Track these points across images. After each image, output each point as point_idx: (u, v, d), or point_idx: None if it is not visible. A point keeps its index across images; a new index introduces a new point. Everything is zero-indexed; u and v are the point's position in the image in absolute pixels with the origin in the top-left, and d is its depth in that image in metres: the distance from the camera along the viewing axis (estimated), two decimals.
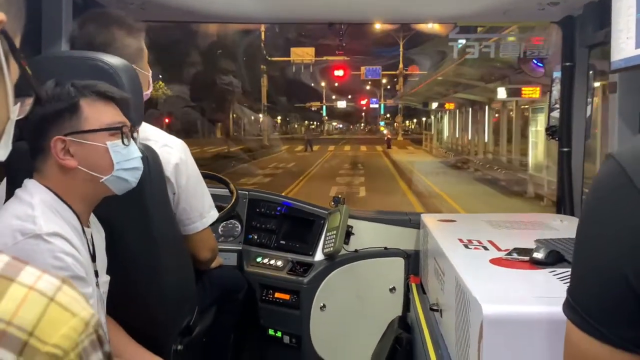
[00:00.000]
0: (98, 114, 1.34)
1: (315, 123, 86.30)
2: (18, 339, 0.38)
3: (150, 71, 1.90)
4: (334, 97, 69.21)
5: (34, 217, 1.22)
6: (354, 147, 41.40)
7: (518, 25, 3.31)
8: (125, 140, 1.37)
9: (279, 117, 63.37)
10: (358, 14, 2.70)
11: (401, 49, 46.67)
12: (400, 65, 47.24)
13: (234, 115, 42.15)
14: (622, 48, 1.71)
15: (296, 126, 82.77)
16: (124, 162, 1.37)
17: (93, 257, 1.37)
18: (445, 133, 35.71)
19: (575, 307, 0.79)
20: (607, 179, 0.78)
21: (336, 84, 67.32)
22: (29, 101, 0.59)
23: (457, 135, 32.11)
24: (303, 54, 36.89)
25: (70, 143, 1.30)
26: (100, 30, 1.73)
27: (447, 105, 31.19)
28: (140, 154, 1.42)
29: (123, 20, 1.80)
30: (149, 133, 1.76)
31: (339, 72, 29.87)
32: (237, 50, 38.85)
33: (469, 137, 27.77)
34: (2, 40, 0.52)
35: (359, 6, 2.48)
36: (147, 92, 1.85)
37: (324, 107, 70.21)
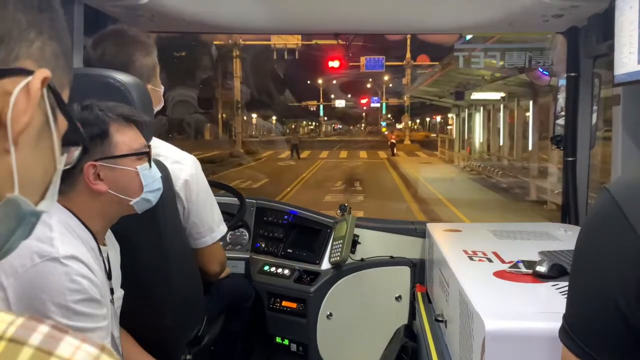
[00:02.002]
0: (125, 138, 1.38)
1: (314, 124, 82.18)
2: None
3: (162, 87, 1.93)
4: (332, 96, 64.91)
5: (52, 238, 1.23)
6: (352, 153, 34.45)
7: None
8: (147, 164, 1.42)
9: (274, 118, 58.89)
10: (364, 25, 2.73)
11: (408, 35, 36.45)
12: (408, 55, 39.60)
13: (224, 115, 39.51)
14: (625, 62, 1.73)
15: (293, 127, 76.42)
16: (150, 184, 1.42)
17: (109, 275, 1.40)
18: (478, 136, 24.25)
19: (569, 333, 0.82)
20: (600, 210, 0.81)
21: (334, 82, 62.27)
22: (76, 150, 0.61)
23: (500, 141, 20.55)
24: (286, 38, 30.38)
25: (101, 168, 1.33)
26: (119, 51, 1.75)
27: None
28: (160, 174, 1.46)
29: (139, 39, 1.82)
30: (160, 149, 1.79)
31: (333, 64, 24.47)
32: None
33: (530, 144, 15.96)
34: (48, 94, 0.53)
35: (365, 17, 2.51)
36: (158, 107, 1.89)
37: (321, 107, 64.99)
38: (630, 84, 1.73)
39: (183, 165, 1.80)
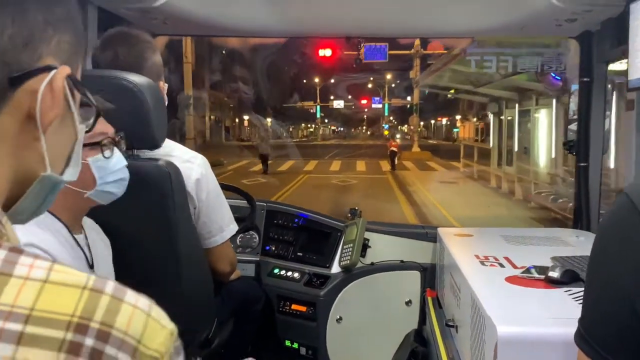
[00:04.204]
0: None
1: (314, 126, 77.26)
2: (131, 345, 0.49)
3: (167, 85, 1.94)
4: (332, 97, 60.31)
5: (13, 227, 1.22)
6: (348, 163, 27.30)
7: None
8: (107, 153, 1.34)
9: (269, 120, 53.17)
10: (375, 28, 2.73)
11: None
12: (417, 41, 30.84)
13: (214, 117, 38.37)
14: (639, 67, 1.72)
15: (291, 129, 72.42)
16: (107, 175, 1.35)
17: (91, 265, 1.37)
18: (547, 147, 14.53)
19: (585, 337, 0.81)
20: (618, 212, 0.81)
21: (332, 80, 57.58)
22: (92, 115, 0.68)
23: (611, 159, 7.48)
24: None
25: None
26: (130, 51, 1.76)
27: None
28: (125, 163, 1.40)
29: (146, 38, 1.84)
30: (172, 149, 1.80)
31: (325, 52, 19.13)
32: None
33: None
34: (67, 81, 0.60)
35: (376, 20, 2.51)
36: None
37: (318, 108, 59.85)
38: None
39: (193, 165, 1.81)
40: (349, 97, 63.21)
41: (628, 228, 0.78)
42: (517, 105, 15.95)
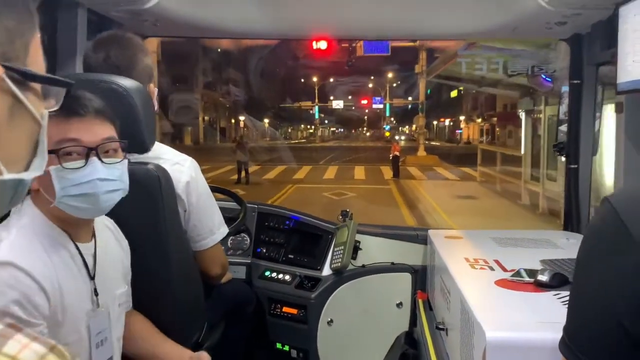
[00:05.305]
0: (52, 132, 1.24)
1: (313, 127, 74.91)
2: None
3: (157, 88, 1.94)
4: (332, 97, 58.72)
5: (0, 240, 1.18)
6: (345, 169, 24.30)
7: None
8: (69, 164, 1.22)
9: (266, 120, 51.28)
10: (369, 30, 2.73)
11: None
12: None
13: (208, 118, 38.08)
14: (629, 70, 1.73)
15: (290, 130, 72.51)
16: (70, 187, 1.22)
17: (92, 276, 1.33)
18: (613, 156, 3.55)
19: (569, 345, 0.82)
20: (602, 223, 0.81)
21: (331, 79, 56.34)
22: (62, 93, 0.61)
23: None
24: None
25: None
26: (123, 53, 1.76)
27: None
28: (97, 176, 1.25)
29: (138, 41, 1.84)
30: (161, 152, 1.79)
31: (320, 45, 6.79)
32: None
33: None
34: (8, 74, 0.53)
35: (370, 22, 2.51)
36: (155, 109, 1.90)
37: (316, 108, 57.22)
38: (633, 92, 1.72)
39: (183, 167, 1.80)
40: (349, 97, 61.90)
41: (612, 239, 0.78)
42: (562, 101, 9.64)
